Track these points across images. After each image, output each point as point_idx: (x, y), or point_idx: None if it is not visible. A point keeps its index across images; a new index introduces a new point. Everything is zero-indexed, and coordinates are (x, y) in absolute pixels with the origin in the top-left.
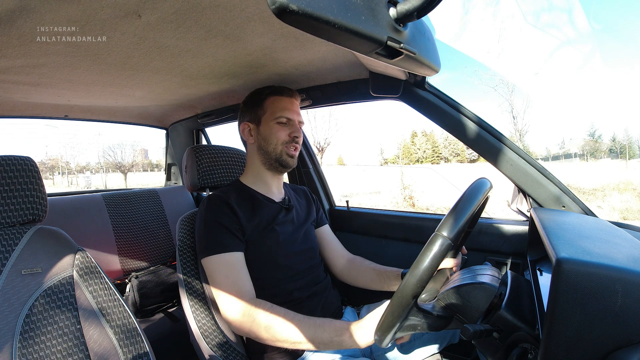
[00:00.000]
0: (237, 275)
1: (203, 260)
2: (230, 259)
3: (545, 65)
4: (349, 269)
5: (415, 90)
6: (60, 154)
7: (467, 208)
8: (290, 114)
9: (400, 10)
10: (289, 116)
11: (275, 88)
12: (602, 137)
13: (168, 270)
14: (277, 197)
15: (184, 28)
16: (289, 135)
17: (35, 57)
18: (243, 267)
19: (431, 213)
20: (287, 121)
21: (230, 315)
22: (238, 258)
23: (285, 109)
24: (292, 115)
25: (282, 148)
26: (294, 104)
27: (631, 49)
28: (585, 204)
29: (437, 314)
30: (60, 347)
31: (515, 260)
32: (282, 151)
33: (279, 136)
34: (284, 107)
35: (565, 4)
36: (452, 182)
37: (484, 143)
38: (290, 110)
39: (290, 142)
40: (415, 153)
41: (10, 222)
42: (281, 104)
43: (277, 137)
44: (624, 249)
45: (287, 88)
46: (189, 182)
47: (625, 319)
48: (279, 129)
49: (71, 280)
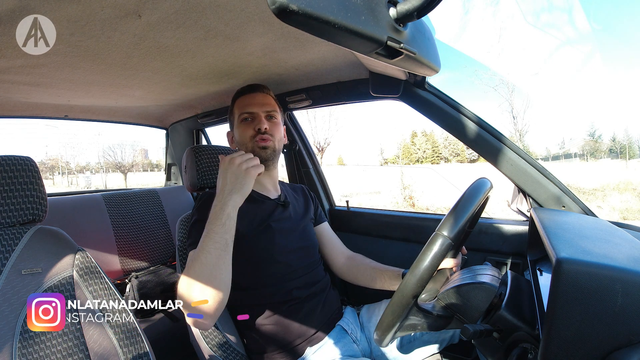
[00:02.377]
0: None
1: (189, 254)
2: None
3: (545, 66)
4: (348, 267)
5: (415, 90)
6: (60, 154)
7: (468, 208)
8: (252, 107)
9: (400, 10)
10: (250, 110)
11: (240, 89)
12: (602, 137)
13: (168, 270)
14: (273, 195)
15: (184, 28)
16: (253, 129)
17: (35, 57)
18: None
19: (431, 213)
20: (250, 116)
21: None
22: None
23: (246, 105)
24: (253, 108)
25: (252, 144)
26: (256, 97)
27: (631, 48)
28: (585, 204)
29: (437, 314)
30: (60, 347)
31: (515, 260)
32: (253, 146)
33: (245, 134)
34: (245, 103)
35: (565, 4)
36: (452, 182)
37: (484, 143)
38: (251, 104)
39: (256, 135)
40: (415, 153)
41: (10, 222)
42: (243, 102)
43: (244, 135)
44: (624, 249)
45: (250, 85)
46: (189, 182)
47: (625, 319)
48: (244, 127)
49: (71, 280)
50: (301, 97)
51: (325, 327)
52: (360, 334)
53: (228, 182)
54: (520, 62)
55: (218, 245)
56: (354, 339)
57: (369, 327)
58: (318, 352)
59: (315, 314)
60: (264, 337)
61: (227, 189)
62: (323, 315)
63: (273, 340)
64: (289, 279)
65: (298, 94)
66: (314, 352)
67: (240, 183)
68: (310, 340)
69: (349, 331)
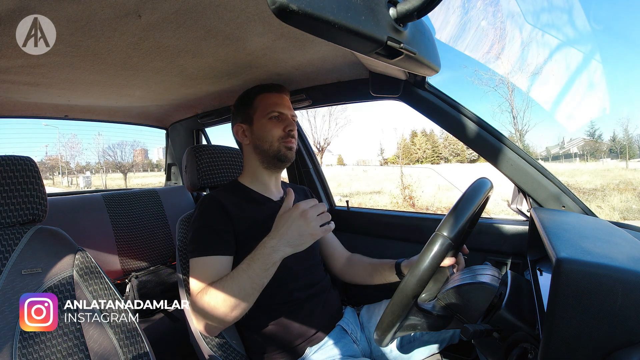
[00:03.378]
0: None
1: (190, 260)
2: (212, 262)
3: (545, 65)
4: (347, 267)
5: (415, 90)
6: (60, 154)
7: (468, 208)
8: (282, 108)
9: (400, 10)
10: (281, 110)
11: (263, 86)
12: (602, 137)
13: (168, 270)
14: (276, 196)
15: (184, 28)
16: (283, 129)
17: (35, 57)
18: (222, 270)
19: (431, 213)
20: (280, 115)
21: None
22: (220, 261)
23: (276, 104)
24: (283, 109)
25: (279, 144)
26: (284, 99)
27: (631, 48)
28: (585, 204)
29: (437, 314)
30: (60, 347)
31: (515, 260)
32: (280, 146)
33: (274, 133)
34: (274, 102)
35: (565, 4)
36: (452, 182)
37: (484, 143)
38: (281, 105)
39: (286, 136)
40: (415, 153)
41: (10, 222)
42: (271, 100)
43: (272, 134)
44: (624, 249)
45: (275, 84)
46: (189, 182)
47: (625, 319)
48: (272, 125)
49: (71, 280)
50: (301, 97)
51: (325, 327)
52: (360, 334)
53: (289, 235)
54: (520, 62)
55: (255, 286)
56: (354, 339)
57: (369, 327)
58: (318, 352)
59: (316, 314)
60: (264, 337)
61: (285, 240)
62: (323, 315)
63: (273, 341)
64: (289, 280)
65: (298, 94)
66: (314, 352)
67: (300, 242)
68: (310, 341)
69: (349, 331)
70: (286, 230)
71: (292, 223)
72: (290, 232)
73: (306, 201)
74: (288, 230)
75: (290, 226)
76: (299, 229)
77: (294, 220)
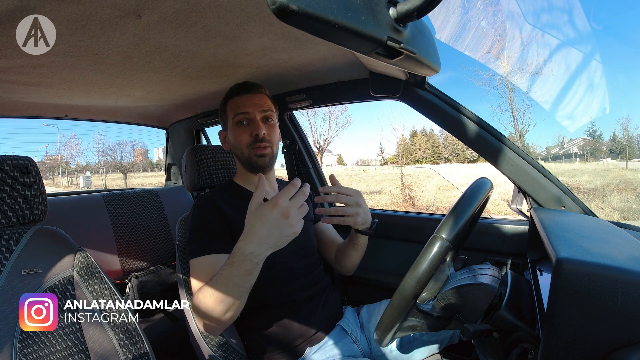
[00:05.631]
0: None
1: (189, 262)
2: (210, 260)
3: (545, 65)
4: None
5: (415, 90)
6: (60, 154)
7: (467, 210)
8: (246, 108)
9: (400, 10)
10: (246, 110)
11: (233, 88)
12: (602, 137)
13: (168, 270)
14: (271, 195)
15: (184, 28)
16: (249, 135)
17: (35, 57)
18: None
19: (431, 213)
20: (245, 119)
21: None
22: (217, 259)
23: (240, 107)
24: (248, 109)
25: (249, 151)
26: (252, 99)
27: (631, 48)
28: (585, 204)
29: (437, 314)
30: (60, 347)
31: (515, 260)
32: (250, 154)
33: (242, 140)
34: (239, 105)
35: (565, 4)
36: (452, 182)
37: (484, 143)
38: (246, 106)
39: (254, 142)
40: (415, 153)
41: (10, 222)
42: (237, 103)
43: (240, 141)
44: (624, 249)
45: (245, 84)
46: (189, 182)
47: (625, 319)
48: (240, 132)
49: (71, 280)
50: (301, 97)
51: (325, 327)
52: (360, 334)
53: (271, 239)
54: (520, 62)
55: (243, 288)
56: (354, 339)
57: (369, 327)
58: (318, 353)
59: (315, 314)
60: (263, 338)
61: (266, 245)
62: (323, 315)
63: (273, 341)
64: (288, 280)
65: (298, 94)
66: (314, 352)
67: (282, 242)
68: (310, 341)
69: (349, 331)
70: (266, 233)
71: (273, 224)
72: (272, 235)
73: (284, 194)
74: (268, 233)
75: (270, 228)
76: (281, 230)
77: (274, 221)
